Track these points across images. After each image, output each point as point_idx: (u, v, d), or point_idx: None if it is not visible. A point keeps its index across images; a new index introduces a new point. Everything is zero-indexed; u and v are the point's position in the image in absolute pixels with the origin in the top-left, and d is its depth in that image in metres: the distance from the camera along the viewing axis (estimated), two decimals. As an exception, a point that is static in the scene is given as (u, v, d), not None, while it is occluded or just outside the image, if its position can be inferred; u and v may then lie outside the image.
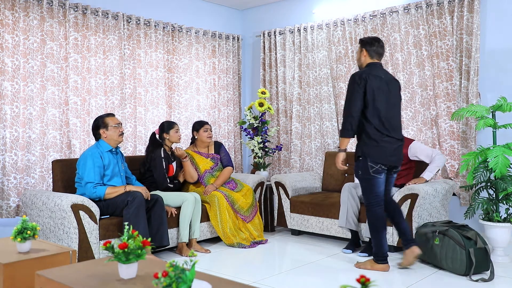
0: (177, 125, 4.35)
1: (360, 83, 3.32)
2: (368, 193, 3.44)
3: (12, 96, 4.13)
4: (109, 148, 3.77)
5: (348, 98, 3.38)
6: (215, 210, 4.25)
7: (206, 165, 4.52)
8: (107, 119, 3.80)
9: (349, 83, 3.40)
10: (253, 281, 3.22)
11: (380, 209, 3.43)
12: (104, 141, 3.78)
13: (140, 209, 3.55)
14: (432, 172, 3.99)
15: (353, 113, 3.33)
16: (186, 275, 1.54)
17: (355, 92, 3.32)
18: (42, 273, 1.97)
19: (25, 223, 2.46)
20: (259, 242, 4.31)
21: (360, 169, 3.44)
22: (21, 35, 4.19)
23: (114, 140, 3.80)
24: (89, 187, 3.58)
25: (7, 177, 4.10)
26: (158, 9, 5.38)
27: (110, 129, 3.77)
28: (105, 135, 3.76)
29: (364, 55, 3.50)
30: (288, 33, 5.75)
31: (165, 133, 4.28)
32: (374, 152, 3.36)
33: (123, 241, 1.90)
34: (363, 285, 1.37)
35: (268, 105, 5.17)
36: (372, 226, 3.46)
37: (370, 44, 3.50)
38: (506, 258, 3.66)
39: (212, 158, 4.57)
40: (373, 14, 5.05)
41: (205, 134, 4.52)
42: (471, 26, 4.42)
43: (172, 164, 4.29)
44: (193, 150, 4.60)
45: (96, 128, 3.79)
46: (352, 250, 4.00)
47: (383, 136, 3.37)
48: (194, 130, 4.59)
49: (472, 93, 4.38)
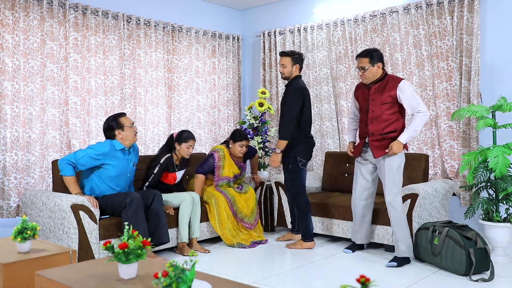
0: (194, 141, 4.23)
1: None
2: (297, 183, 4.11)
3: (12, 96, 4.13)
4: (122, 147, 3.71)
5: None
6: (213, 211, 4.26)
7: (231, 172, 4.45)
8: (122, 120, 3.73)
9: (294, 96, 4.03)
10: (253, 281, 3.22)
11: (306, 195, 4.17)
12: (117, 141, 3.71)
13: (139, 211, 3.54)
14: (408, 134, 3.58)
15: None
16: (186, 275, 1.54)
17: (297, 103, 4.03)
18: (42, 273, 1.97)
19: (25, 223, 2.46)
20: (259, 242, 4.31)
21: (291, 163, 4.09)
22: (21, 35, 4.19)
23: (129, 140, 3.74)
24: (65, 160, 3.55)
25: (7, 177, 4.10)
26: (158, 9, 5.38)
27: (126, 129, 3.71)
28: (121, 136, 3.70)
29: (297, 68, 4.14)
30: (288, 33, 5.75)
31: (177, 143, 4.19)
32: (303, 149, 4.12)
33: (123, 241, 1.90)
34: (363, 285, 1.37)
35: (268, 105, 5.17)
36: (301, 210, 4.12)
37: (302, 60, 4.19)
38: (506, 258, 3.66)
39: (240, 167, 4.54)
40: (373, 14, 5.05)
41: (238, 149, 4.42)
42: (471, 26, 4.42)
43: (175, 173, 4.23)
44: (229, 152, 4.49)
45: (109, 129, 3.72)
46: (352, 251, 4.00)
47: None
48: (231, 138, 4.46)
49: (473, 93, 4.38)
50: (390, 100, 3.61)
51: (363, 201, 3.88)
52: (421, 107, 3.57)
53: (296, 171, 4.10)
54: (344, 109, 5.28)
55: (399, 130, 3.65)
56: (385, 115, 3.63)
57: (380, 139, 3.65)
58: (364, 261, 3.76)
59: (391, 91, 3.60)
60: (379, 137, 3.66)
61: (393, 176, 3.63)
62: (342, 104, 5.30)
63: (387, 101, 3.62)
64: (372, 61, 3.62)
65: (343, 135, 5.31)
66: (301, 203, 4.13)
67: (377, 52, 3.68)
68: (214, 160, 4.39)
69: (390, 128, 3.64)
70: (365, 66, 3.64)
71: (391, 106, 3.62)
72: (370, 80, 3.67)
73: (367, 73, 3.64)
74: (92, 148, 3.64)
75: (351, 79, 5.24)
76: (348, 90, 5.26)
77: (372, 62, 3.62)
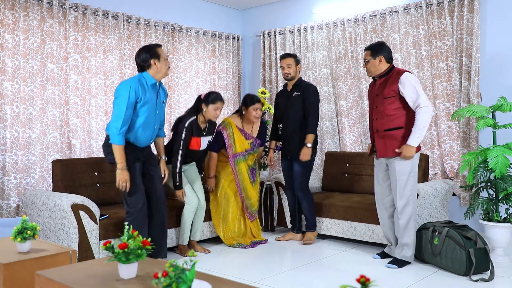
0: (222, 104, 3.99)
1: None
2: (308, 177, 4.34)
3: (12, 96, 4.13)
4: (154, 81, 3.41)
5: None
6: (220, 210, 4.23)
7: (243, 147, 4.28)
8: (159, 50, 3.43)
9: (316, 95, 4.25)
10: (253, 281, 3.22)
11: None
12: (148, 74, 3.40)
13: (142, 226, 3.41)
14: (416, 135, 3.40)
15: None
16: (186, 275, 1.54)
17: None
18: (42, 273, 1.97)
19: (25, 223, 2.46)
20: (259, 242, 4.31)
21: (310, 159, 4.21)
22: (21, 35, 4.19)
23: (162, 73, 3.44)
24: (114, 132, 3.26)
25: (7, 177, 4.10)
26: (158, 9, 5.38)
27: (162, 60, 3.42)
28: (156, 67, 3.39)
29: (299, 68, 4.34)
30: (288, 33, 5.75)
31: (204, 104, 3.95)
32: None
33: (123, 241, 1.91)
34: (363, 285, 1.37)
35: (268, 105, 5.17)
36: (312, 204, 4.32)
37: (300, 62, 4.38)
38: (506, 258, 3.66)
39: (252, 142, 4.36)
40: (373, 14, 5.05)
41: (253, 113, 4.23)
42: (471, 26, 4.42)
43: (200, 138, 3.98)
44: (237, 126, 4.31)
45: (145, 60, 3.39)
46: (381, 257, 3.80)
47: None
48: (243, 105, 4.28)
49: (473, 93, 4.38)
50: (393, 94, 3.47)
51: (385, 210, 3.68)
52: (421, 101, 3.37)
53: (310, 165, 4.30)
54: (344, 109, 5.28)
55: (405, 126, 3.47)
56: (388, 110, 3.50)
57: (383, 136, 3.53)
58: (364, 261, 3.76)
59: (394, 85, 3.48)
60: (382, 134, 3.54)
61: (403, 183, 3.48)
62: (342, 104, 5.30)
63: (390, 95, 3.48)
64: (373, 53, 3.57)
65: (343, 135, 5.31)
66: (311, 197, 4.33)
67: (381, 46, 3.60)
68: (224, 138, 4.26)
69: (393, 124, 3.49)
70: (366, 59, 3.62)
71: (394, 101, 3.47)
72: (372, 74, 3.63)
73: (369, 65, 3.60)
74: (122, 89, 3.29)
75: (351, 79, 5.24)
76: (348, 90, 5.26)
77: (374, 55, 3.57)
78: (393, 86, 3.49)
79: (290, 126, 4.27)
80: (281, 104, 4.41)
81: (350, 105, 5.26)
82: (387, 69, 3.58)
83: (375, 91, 3.62)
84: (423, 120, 3.37)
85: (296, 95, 4.25)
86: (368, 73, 3.67)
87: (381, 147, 3.57)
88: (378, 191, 3.71)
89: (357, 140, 5.24)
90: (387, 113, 3.51)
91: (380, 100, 3.55)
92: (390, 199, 3.65)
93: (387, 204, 3.67)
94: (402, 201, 3.50)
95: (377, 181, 3.71)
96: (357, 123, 5.23)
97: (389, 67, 3.59)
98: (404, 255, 3.54)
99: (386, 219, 3.69)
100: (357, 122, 5.23)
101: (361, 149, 5.21)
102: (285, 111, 4.32)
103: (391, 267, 3.52)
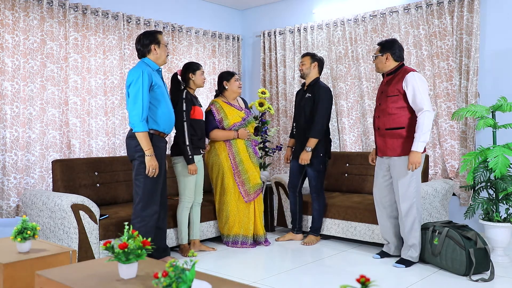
0: (202, 67, 4.08)
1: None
2: (322, 180, 4.31)
3: (12, 96, 4.13)
4: (157, 67, 3.43)
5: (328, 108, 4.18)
6: (226, 208, 4.19)
7: (237, 118, 4.20)
8: (159, 36, 3.44)
9: (325, 98, 4.14)
10: (253, 281, 3.22)
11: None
12: (149, 59, 3.42)
13: (150, 233, 3.37)
14: (419, 141, 3.35)
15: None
16: (186, 275, 1.54)
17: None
18: (42, 273, 1.97)
19: (25, 223, 2.46)
20: (259, 242, 4.30)
21: (321, 162, 4.23)
22: (21, 35, 4.18)
23: (162, 60, 3.47)
24: (137, 119, 3.23)
25: (7, 177, 4.09)
26: (158, 9, 5.38)
27: (162, 47, 3.45)
28: (156, 53, 3.41)
29: (316, 67, 4.26)
30: (288, 33, 5.75)
31: (191, 73, 3.98)
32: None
33: (123, 241, 1.90)
34: (363, 285, 1.37)
35: (268, 105, 5.17)
36: (323, 207, 4.32)
37: (322, 62, 4.33)
38: (506, 258, 3.66)
39: (245, 112, 4.31)
40: (373, 14, 5.05)
41: (236, 84, 4.24)
42: (471, 26, 4.42)
43: (198, 106, 4.00)
44: (223, 101, 4.25)
45: (145, 44, 3.40)
46: (380, 256, 3.80)
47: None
48: (224, 80, 4.26)
49: (472, 93, 4.39)
50: (397, 93, 3.45)
51: (384, 209, 3.68)
52: (424, 104, 3.33)
53: (324, 168, 4.27)
54: (344, 109, 5.28)
55: (406, 127, 3.45)
56: (390, 109, 3.48)
57: (384, 134, 3.53)
58: (364, 261, 3.76)
59: (399, 84, 3.46)
60: (383, 132, 3.54)
61: (406, 185, 3.47)
62: (342, 104, 5.30)
63: (393, 94, 3.46)
64: (382, 50, 3.59)
65: (343, 135, 5.31)
66: (324, 200, 4.33)
67: (391, 43, 3.58)
68: (214, 114, 4.20)
69: (394, 124, 3.47)
70: (376, 54, 3.64)
71: (398, 100, 3.44)
72: (379, 70, 3.65)
73: (376, 61, 3.64)
74: (136, 74, 3.27)
75: (351, 79, 5.24)
76: (348, 90, 5.26)
77: (382, 52, 3.59)
78: (398, 85, 3.48)
79: (301, 128, 4.28)
80: (295, 104, 4.45)
81: (350, 105, 5.26)
82: (395, 67, 3.58)
83: (381, 88, 3.64)
84: (425, 124, 3.34)
85: (308, 96, 4.22)
86: (376, 69, 3.70)
87: (381, 145, 3.58)
88: (377, 190, 3.71)
89: (357, 140, 5.23)
90: (389, 111, 3.50)
91: (384, 98, 3.55)
92: (389, 198, 3.66)
93: (386, 204, 3.68)
94: (406, 204, 3.49)
95: (377, 180, 3.71)
96: (357, 123, 5.23)
97: (398, 65, 3.58)
98: (411, 256, 3.55)
99: (384, 218, 3.70)
100: (357, 122, 5.23)
101: (361, 149, 5.21)
102: (298, 112, 4.34)
103: (399, 267, 3.51)
